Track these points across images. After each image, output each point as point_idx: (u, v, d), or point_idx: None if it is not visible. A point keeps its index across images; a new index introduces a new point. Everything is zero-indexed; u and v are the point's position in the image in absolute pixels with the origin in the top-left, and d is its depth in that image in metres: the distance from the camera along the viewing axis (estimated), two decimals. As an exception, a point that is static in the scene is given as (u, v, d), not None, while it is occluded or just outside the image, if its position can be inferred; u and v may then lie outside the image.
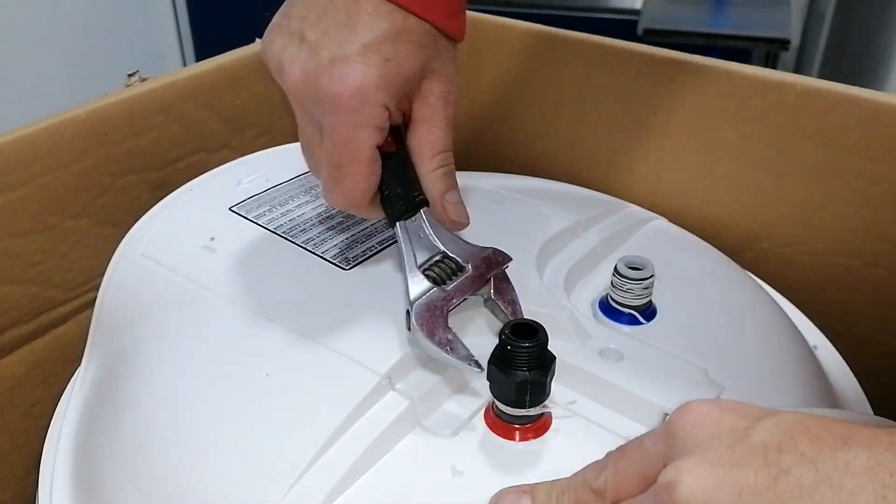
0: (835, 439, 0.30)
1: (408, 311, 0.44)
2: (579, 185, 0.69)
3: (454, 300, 0.45)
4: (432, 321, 0.43)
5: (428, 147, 0.47)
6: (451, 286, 0.45)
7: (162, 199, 0.62)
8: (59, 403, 0.55)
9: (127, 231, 0.60)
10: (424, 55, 0.45)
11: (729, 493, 0.29)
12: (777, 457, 0.30)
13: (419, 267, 0.46)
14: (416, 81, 0.46)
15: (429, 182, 0.48)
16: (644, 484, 0.34)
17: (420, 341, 0.43)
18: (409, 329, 0.44)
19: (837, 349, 0.58)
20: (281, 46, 0.45)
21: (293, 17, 0.45)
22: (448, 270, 0.46)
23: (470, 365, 0.42)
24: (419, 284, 0.45)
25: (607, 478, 0.35)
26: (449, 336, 0.43)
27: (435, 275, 0.46)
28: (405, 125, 0.48)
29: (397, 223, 0.48)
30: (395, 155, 0.47)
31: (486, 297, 0.47)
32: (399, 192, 0.47)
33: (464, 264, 0.47)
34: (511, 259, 0.48)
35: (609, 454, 0.36)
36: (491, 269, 0.47)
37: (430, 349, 0.43)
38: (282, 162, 0.65)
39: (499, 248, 0.48)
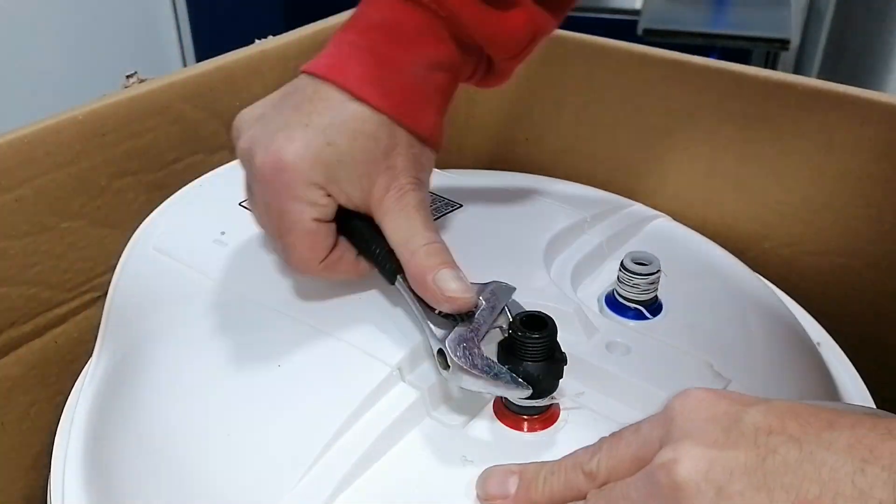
0: (821, 422, 0.31)
1: (440, 351, 0.41)
2: (581, 183, 0.69)
3: (481, 331, 0.42)
4: (469, 354, 0.40)
5: (407, 238, 0.44)
6: (472, 321, 0.42)
7: (160, 200, 0.62)
8: (71, 395, 0.55)
9: (125, 232, 0.59)
10: (376, 148, 0.44)
11: (721, 472, 0.31)
12: (766, 438, 0.31)
13: (435, 312, 0.43)
14: (366, 175, 0.44)
15: (414, 267, 0.44)
16: (637, 467, 0.34)
17: (461, 377, 0.40)
18: (445, 368, 0.41)
19: (841, 346, 0.58)
20: (245, 128, 0.46)
21: (260, 105, 0.46)
22: None
23: (519, 387, 0.40)
24: (441, 326, 0.42)
25: (600, 460, 0.36)
26: (489, 363, 0.40)
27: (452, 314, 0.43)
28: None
29: (398, 278, 0.45)
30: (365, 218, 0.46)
31: (502, 327, 0.43)
32: (388, 249, 0.45)
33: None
34: (515, 289, 0.45)
35: (603, 439, 0.37)
36: (501, 299, 0.44)
37: (472, 383, 0.40)
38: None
39: (500, 280, 0.45)
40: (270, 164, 0.43)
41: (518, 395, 0.40)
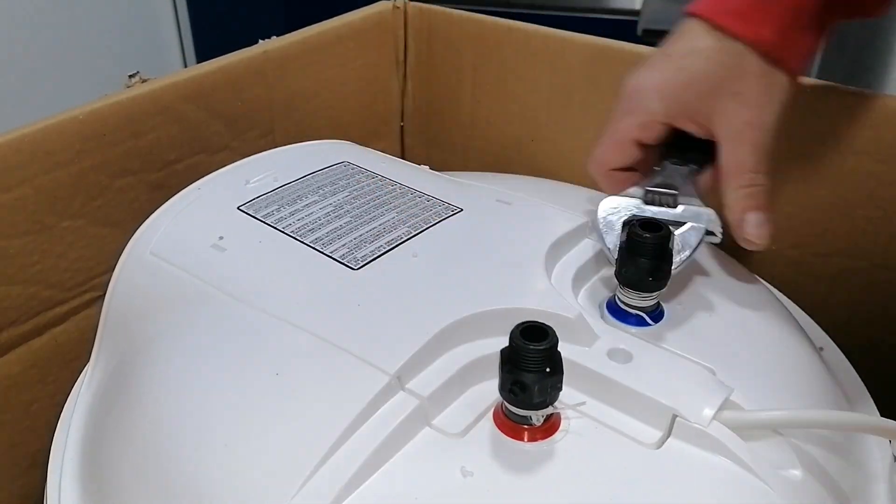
0: None
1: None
2: (585, 186, 0.68)
3: None
4: None
5: (732, 167, 0.50)
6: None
7: (161, 200, 0.62)
8: (67, 401, 0.54)
9: (125, 232, 0.59)
10: (722, 71, 0.48)
11: None
12: None
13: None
14: (711, 97, 0.49)
15: (730, 201, 0.50)
16: None
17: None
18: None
19: (846, 350, 0.58)
20: None
21: None
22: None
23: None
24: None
25: None
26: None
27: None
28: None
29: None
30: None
31: None
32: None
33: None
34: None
35: None
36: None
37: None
38: (290, 161, 0.65)
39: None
40: (628, 87, 0.51)
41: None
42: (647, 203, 0.54)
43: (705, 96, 0.49)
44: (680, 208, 0.53)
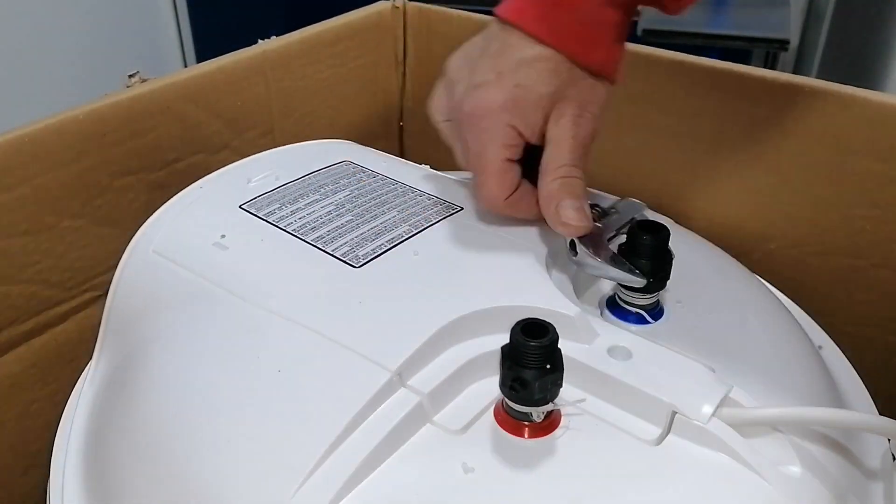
0: None
1: (571, 241, 0.50)
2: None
3: (608, 232, 0.52)
4: (594, 244, 0.49)
5: (550, 164, 0.51)
6: (601, 223, 0.52)
7: (161, 199, 0.62)
8: (70, 399, 0.54)
9: (125, 232, 0.59)
10: (556, 81, 0.50)
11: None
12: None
13: None
14: (548, 105, 0.50)
15: (546, 191, 0.50)
16: None
17: (585, 260, 0.49)
18: (574, 254, 0.50)
19: (845, 349, 0.58)
20: (456, 79, 0.53)
21: (463, 54, 0.54)
22: (595, 213, 0.52)
23: (634, 275, 0.48)
24: None
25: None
26: (610, 254, 0.49)
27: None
28: None
29: None
30: None
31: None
32: None
33: (609, 210, 0.54)
34: (645, 205, 0.57)
35: None
36: (630, 212, 0.54)
37: (594, 266, 0.49)
38: (291, 160, 0.65)
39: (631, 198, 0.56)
40: (477, 112, 0.50)
41: (635, 283, 0.48)
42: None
43: (545, 106, 0.50)
44: None
